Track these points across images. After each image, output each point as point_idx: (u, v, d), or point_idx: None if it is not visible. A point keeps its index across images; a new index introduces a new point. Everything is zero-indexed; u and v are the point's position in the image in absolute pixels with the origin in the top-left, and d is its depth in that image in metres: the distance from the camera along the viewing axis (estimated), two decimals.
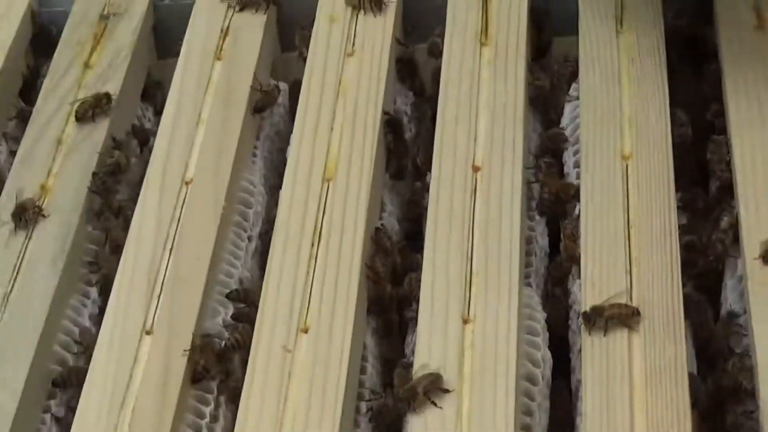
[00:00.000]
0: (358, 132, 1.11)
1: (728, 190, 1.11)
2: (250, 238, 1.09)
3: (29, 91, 1.22)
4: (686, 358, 0.96)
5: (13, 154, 1.17)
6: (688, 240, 1.06)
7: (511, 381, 0.94)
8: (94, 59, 1.20)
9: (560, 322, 1.07)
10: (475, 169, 1.09)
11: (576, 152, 1.12)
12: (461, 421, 0.92)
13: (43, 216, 1.07)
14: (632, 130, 1.11)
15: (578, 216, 1.08)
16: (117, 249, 1.06)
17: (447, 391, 0.96)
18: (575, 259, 1.05)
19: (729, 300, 1.08)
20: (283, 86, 1.22)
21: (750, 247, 1.01)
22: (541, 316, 1.04)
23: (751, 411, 0.99)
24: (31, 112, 1.17)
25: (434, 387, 0.96)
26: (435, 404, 0.95)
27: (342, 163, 1.10)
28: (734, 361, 1.01)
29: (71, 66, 1.19)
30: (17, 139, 1.16)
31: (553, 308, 1.09)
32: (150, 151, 1.14)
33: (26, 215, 1.06)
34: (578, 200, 1.08)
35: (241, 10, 1.23)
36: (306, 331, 0.99)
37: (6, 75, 1.20)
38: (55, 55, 1.21)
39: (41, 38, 1.27)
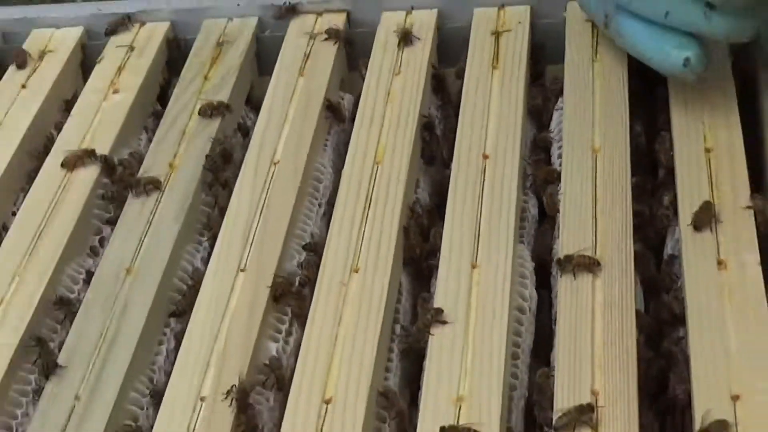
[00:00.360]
0: (400, 129, 1.14)
1: (671, 175, 1.11)
2: (320, 205, 1.11)
3: (163, 96, 1.23)
4: (634, 296, 0.98)
5: (150, 141, 1.18)
6: (637, 210, 1.07)
7: (506, 311, 0.96)
8: (211, 74, 1.22)
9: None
10: (485, 156, 1.11)
11: (560, 147, 1.13)
12: (468, 339, 0.94)
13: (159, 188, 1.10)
14: (600, 131, 1.12)
15: (559, 191, 1.09)
16: (222, 211, 1.08)
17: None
18: (555, 223, 1.07)
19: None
20: (349, 97, 1.23)
21: (684, 218, 1.03)
22: (530, 265, 1.04)
23: (681, 337, 0.99)
24: (163, 112, 1.19)
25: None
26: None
27: (388, 151, 1.11)
28: (670, 296, 1.02)
29: (194, 78, 1.21)
30: (154, 130, 1.18)
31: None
32: (249, 141, 1.16)
33: (158, 185, 1.09)
34: (560, 181, 1.09)
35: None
36: (357, 271, 1.00)
37: (147, 86, 1.20)
38: (183, 70, 1.22)
39: (174, 58, 1.27)
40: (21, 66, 1.21)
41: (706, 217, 1.03)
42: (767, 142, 1.17)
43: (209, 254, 1.07)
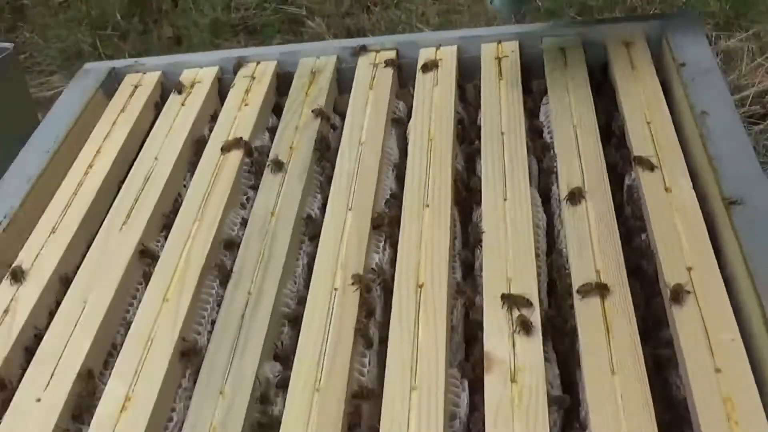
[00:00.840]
0: (442, 123, 1.16)
1: (623, 138, 1.14)
2: (393, 169, 1.13)
3: (277, 108, 1.24)
4: (613, 211, 0.99)
5: (271, 137, 1.19)
6: (607, 162, 1.08)
7: (530, 225, 0.98)
8: (309, 91, 1.23)
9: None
10: (502, 133, 1.12)
11: (548, 129, 1.15)
12: (507, 243, 0.97)
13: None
14: (576, 114, 1.14)
15: (554, 156, 1.10)
16: (329, 178, 1.10)
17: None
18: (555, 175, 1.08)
19: None
20: (402, 104, 1.25)
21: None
22: (538, 200, 1.06)
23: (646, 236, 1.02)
24: (278, 118, 1.21)
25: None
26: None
27: (435, 135, 1.13)
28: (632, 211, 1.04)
29: (299, 95, 1.22)
30: (272, 130, 1.20)
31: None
32: (339, 132, 1.18)
33: (281, 164, 1.11)
34: (553, 150, 1.11)
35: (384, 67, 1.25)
36: (427, 206, 1.03)
37: (266, 102, 1.22)
38: (291, 90, 1.23)
39: (281, 84, 1.28)
40: (179, 92, 1.23)
41: (647, 163, 1.03)
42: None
43: (323, 204, 1.08)
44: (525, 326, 0.88)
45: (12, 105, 1.55)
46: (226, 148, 1.15)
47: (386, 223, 1.05)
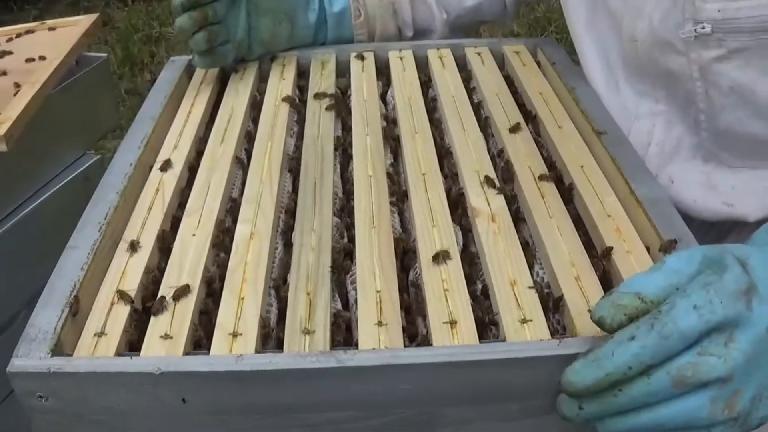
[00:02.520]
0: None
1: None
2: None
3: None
4: None
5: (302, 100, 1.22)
6: None
7: None
8: (323, 72, 1.29)
9: None
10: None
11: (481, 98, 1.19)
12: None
13: None
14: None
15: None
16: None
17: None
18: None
19: None
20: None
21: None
22: None
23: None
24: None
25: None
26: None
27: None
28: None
29: (315, 74, 1.28)
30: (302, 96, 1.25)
31: None
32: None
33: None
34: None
35: None
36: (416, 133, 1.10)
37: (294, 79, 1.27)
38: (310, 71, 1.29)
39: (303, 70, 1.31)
40: (236, 72, 1.32)
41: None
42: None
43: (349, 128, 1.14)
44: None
45: (102, 100, 1.58)
46: (285, 100, 1.24)
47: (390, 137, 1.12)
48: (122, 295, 0.79)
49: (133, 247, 0.87)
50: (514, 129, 1.07)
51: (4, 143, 1.23)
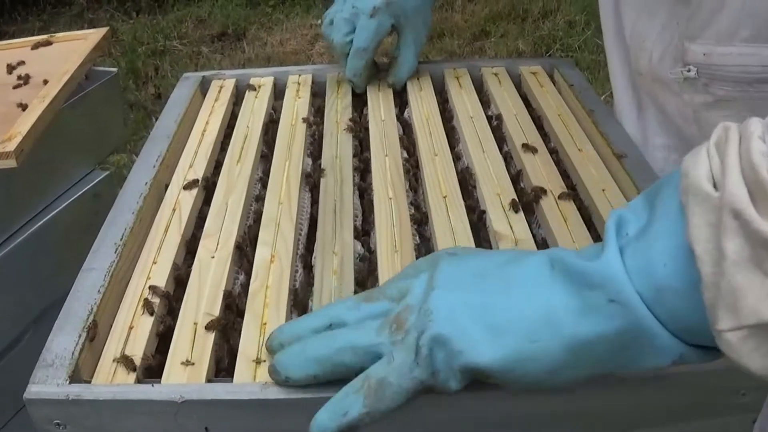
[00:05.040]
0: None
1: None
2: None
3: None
4: None
5: (318, 116, 1.21)
6: None
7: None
8: (340, 93, 1.29)
9: None
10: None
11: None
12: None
13: None
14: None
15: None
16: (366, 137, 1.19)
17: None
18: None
19: None
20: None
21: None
22: None
23: None
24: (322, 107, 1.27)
25: None
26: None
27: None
28: None
29: (331, 96, 1.29)
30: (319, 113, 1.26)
31: None
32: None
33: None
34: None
35: None
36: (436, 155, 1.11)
37: (308, 99, 1.27)
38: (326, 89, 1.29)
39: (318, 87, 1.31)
40: (253, 89, 1.31)
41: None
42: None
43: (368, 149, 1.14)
44: None
45: (111, 116, 1.57)
46: (306, 121, 1.22)
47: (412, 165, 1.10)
48: (141, 317, 0.75)
49: (149, 274, 0.85)
50: (534, 150, 1.06)
51: (14, 159, 1.21)
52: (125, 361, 0.70)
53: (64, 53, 1.60)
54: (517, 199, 0.94)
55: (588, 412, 0.64)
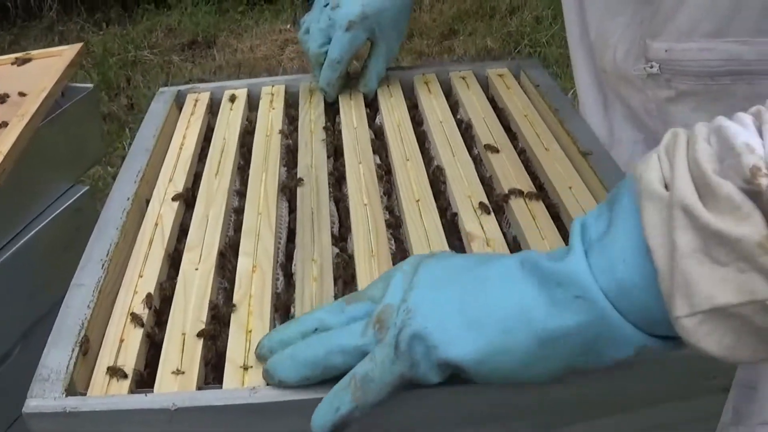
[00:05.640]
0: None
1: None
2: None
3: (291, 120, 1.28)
4: None
5: (285, 130, 1.23)
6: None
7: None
8: (312, 102, 1.31)
9: None
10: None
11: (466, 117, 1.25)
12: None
13: None
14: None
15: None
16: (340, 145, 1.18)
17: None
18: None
19: None
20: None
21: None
22: None
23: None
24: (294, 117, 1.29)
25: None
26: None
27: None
28: None
29: (305, 104, 1.30)
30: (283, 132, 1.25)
31: None
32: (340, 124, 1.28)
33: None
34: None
35: None
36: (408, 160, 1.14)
37: (281, 110, 1.28)
38: (300, 101, 1.31)
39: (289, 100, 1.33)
40: (232, 101, 1.33)
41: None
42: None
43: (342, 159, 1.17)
44: None
45: (89, 132, 1.59)
46: (280, 132, 1.24)
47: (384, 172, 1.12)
48: (131, 330, 0.79)
49: (136, 288, 0.87)
50: (496, 150, 1.09)
51: None
52: (118, 372, 0.72)
53: (40, 70, 1.62)
54: (488, 201, 0.96)
55: (559, 401, 0.67)
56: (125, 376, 0.72)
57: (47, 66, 1.63)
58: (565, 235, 0.89)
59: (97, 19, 4.92)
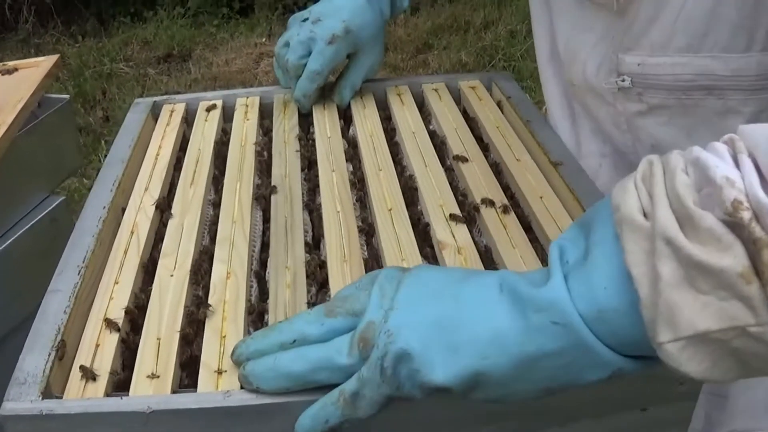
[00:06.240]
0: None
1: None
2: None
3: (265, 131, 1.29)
4: None
5: (260, 142, 1.24)
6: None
7: None
8: (286, 114, 1.31)
9: None
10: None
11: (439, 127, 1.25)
12: None
13: None
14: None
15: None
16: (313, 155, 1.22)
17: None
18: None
19: None
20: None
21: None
22: None
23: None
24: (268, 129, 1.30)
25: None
26: None
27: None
28: None
29: (279, 115, 1.29)
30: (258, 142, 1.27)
31: None
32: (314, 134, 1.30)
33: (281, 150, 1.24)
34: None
35: None
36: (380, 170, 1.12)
37: (255, 121, 1.27)
38: (274, 113, 1.31)
39: (263, 111, 1.34)
40: (208, 111, 1.33)
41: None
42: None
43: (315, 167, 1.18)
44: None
45: (66, 142, 1.59)
46: (255, 144, 1.25)
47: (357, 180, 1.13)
48: (107, 335, 0.79)
49: (112, 294, 0.88)
50: (464, 160, 1.10)
51: None
52: (94, 376, 0.73)
53: (17, 81, 1.62)
54: (459, 211, 0.97)
55: (531, 406, 0.68)
56: (94, 378, 0.72)
57: (24, 77, 1.63)
58: (536, 245, 0.91)
59: (72, 31, 4.91)
